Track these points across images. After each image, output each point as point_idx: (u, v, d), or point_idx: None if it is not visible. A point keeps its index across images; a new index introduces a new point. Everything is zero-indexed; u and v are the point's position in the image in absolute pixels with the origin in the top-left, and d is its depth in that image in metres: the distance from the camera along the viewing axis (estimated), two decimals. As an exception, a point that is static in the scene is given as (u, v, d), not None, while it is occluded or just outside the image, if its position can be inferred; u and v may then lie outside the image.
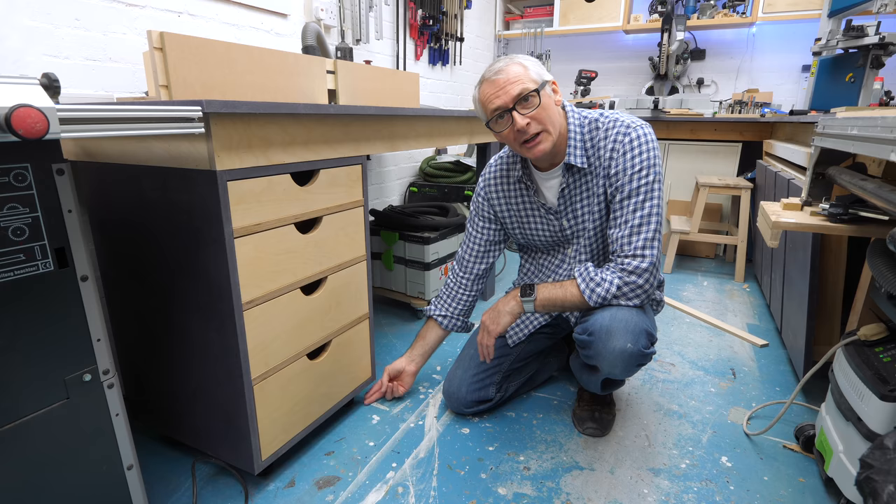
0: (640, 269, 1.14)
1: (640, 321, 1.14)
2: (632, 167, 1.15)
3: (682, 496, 1.16)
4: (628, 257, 1.15)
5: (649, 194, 1.14)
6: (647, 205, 1.14)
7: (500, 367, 1.43)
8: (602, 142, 1.20)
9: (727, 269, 2.86)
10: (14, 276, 0.70)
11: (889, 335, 1.07)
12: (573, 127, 1.21)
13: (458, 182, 2.74)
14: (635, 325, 1.13)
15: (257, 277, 1.03)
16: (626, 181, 1.15)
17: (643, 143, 1.15)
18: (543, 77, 1.12)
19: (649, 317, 1.24)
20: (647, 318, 1.20)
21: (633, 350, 1.12)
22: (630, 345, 1.11)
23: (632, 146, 1.15)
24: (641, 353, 1.13)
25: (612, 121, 1.20)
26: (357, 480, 1.20)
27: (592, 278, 1.17)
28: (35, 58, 1.25)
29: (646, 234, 1.14)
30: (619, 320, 1.13)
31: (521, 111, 1.10)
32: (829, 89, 2.62)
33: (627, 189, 1.15)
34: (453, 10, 3.10)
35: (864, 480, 0.81)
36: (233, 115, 0.93)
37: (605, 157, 1.19)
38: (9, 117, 0.58)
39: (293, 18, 2.03)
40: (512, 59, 1.13)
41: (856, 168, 1.27)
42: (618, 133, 1.18)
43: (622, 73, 3.72)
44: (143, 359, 1.23)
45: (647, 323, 1.17)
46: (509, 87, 1.09)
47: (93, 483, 0.83)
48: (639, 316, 1.15)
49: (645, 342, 1.14)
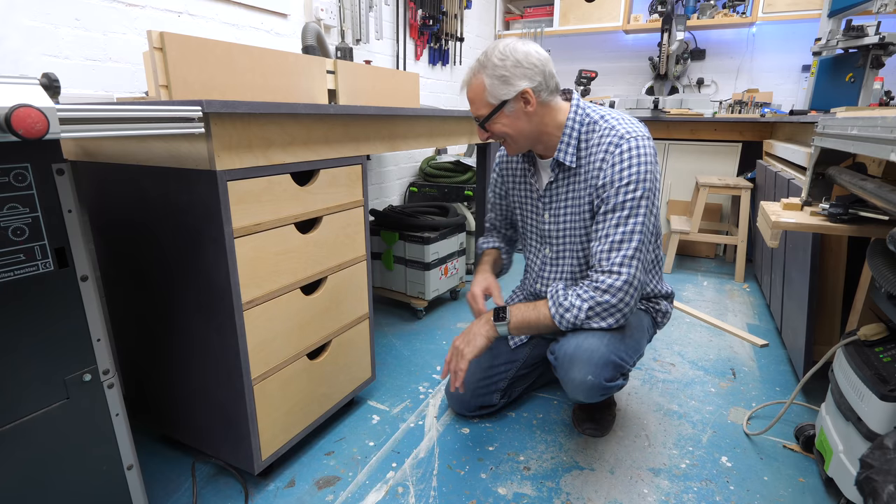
0: (614, 288, 1.06)
1: (607, 351, 1.08)
2: (619, 180, 1.08)
3: (682, 496, 1.16)
4: (604, 273, 1.08)
5: (634, 210, 1.07)
6: (631, 221, 1.07)
7: (507, 374, 1.43)
8: (595, 147, 1.13)
9: (727, 269, 2.86)
10: (14, 276, 0.70)
11: (889, 335, 1.07)
12: (571, 123, 1.15)
13: (458, 182, 2.74)
14: (601, 356, 1.08)
15: (257, 277, 1.03)
16: (612, 193, 1.09)
17: (634, 157, 1.07)
18: (502, 97, 1.09)
19: (629, 341, 1.15)
20: (622, 345, 1.12)
21: (594, 382, 1.08)
22: (591, 377, 1.08)
23: (622, 158, 1.08)
24: (603, 385, 1.09)
25: (609, 126, 1.12)
26: (357, 480, 1.20)
27: (561, 303, 1.11)
28: (35, 58, 1.25)
29: (625, 251, 1.07)
30: (584, 350, 1.08)
31: (481, 126, 1.16)
32: (829, 89, 2.62)
33: (612, 202, 1.09)
34: (453, 10, 3.10)
35: (864, 480, 0.81)
36: (233, 115, 0.93)
37: (594, 164, 1.13)
38: (9, 117, 0.58)
39: (293, 18, 2.03)
40: (481, 66, 1.09)
41: (856, 168, 1.28)
42: (610, 143, 1.10)
43: (622, 73, 3.72)
44: (143, 359, 1.23)
45: (617, 352, 1.10)
46: (472, 106, 1.16)
47: (93, 483, 0.83)
48: (609, 344, 1.09)
49: (610, 373, 1.09)
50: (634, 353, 1.18)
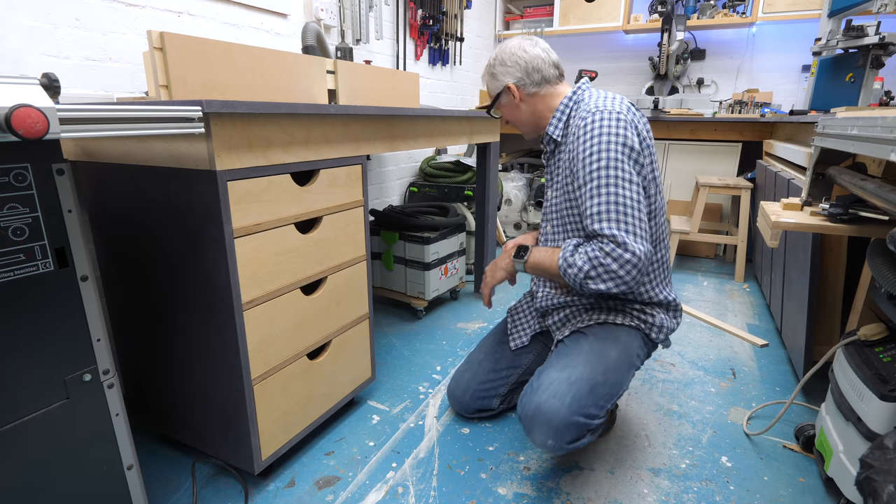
0: (616, 253, 1.02)
1: (568, 413, 1.03)
2: (583, 152, 1.09)
3: (682, 496, 1.16)
4: (606, 238, 1.04)
5: (603, 179, 1.06)
6: (603, 191, 1.05)
7: (508, 380, 1.42)
8: (573, 123, 1.16)
9: (727, 269, 2.86)
10: (14, 276, 0.70)
11: (889, 335, 1.07)
12: (566, 102, 1.19)
13: (458, 182, 2.74)
14: (560, 419, 1.03)
15: (257, 277, 1.03)
16: (580, 168, 1.09)
17: (596, 129, 1.08)
18: (494, 91, 1.27)
19: (602, 388, 1.09)
20: (590, 397, 1.06)
21: (555, 446, 1.05)
22: (551, 441, 1.05)
23: (585, 131, 1.09)
24: (564, 448, 1.06)
25: (586, 101, 1.15)
26: (357, 480, 1.20)
27: (567, 259, 1.10)
28: (35, 58, 1.25)
29: (614, 219, 1.04)
30: (544, 413, 1.05)
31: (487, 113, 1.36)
32: (829, 89, 2.62)
33: (581, 175, 1.09)
34: (453, 10, 3.10)
35: (864, 480, 0.81)
36: (233, 115, 0.93)
37: (570, 139, 1.16)
38: (9, 117, 0.58)
39: (293, 18, 2.03)
40: (486, 65, 1.26)
41: (856, 168, 1.28)
42: (582, 118, 1.11)
43: (622, 73, 3.72)
44: (144, 359, 1.23)
45: (582, 409, 1.04)
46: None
47: (93, 483, 0.83)
48: (575, 401, 1.04)
49: (572, 436, 1.05)
50: (608, 399, 1.10)
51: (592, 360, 1.13)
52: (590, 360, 1.13)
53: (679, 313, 1.27)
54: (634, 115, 1.13)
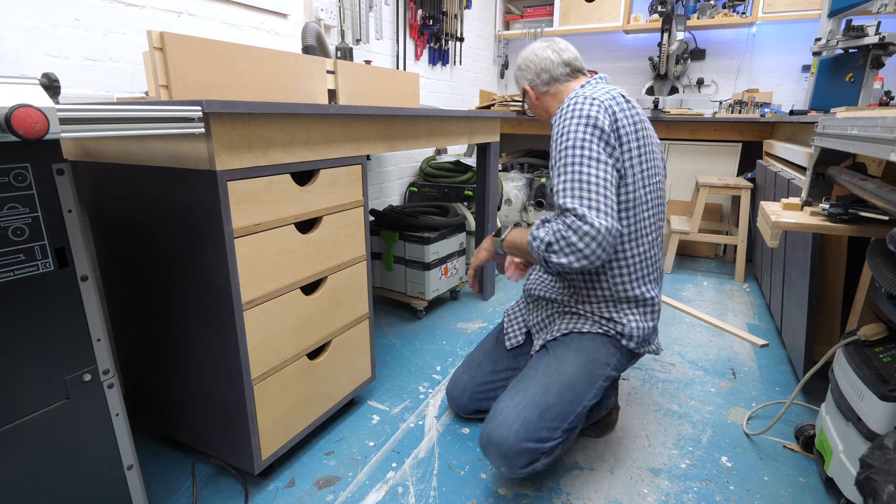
0: (577, 226, 1.02)
1: (516, 440, 1.04)
2: (556, 134, 1.14)
3: (682, 496, 1.16)
4: (568, 211, 1.05)
5: (570, 158, 1.08)
6: (569, 169, 1.07)
7: (506, 381, 1.41)
8: None
9: (727, 269, 2.86)
10: (14, 276, 0.70)
11: (889, 335, 1.07)
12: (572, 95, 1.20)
13: (458, 182, 2.74)
14: (509, 447, 1.05)
15: (257, 277, 1.03)
16: (552, 148, 1.15)
17: (568, 112, 1.12)
18: (519, 91, 1.40)
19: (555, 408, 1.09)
20: (541, 421, 1.07)
21: (508, 472, 1.07)
22: (504, 468, 1.07)
23: (560, 114, 1.14)
24: (518, 472, 1.06)
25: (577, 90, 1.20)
26: (357, 480, 1.20)
27: (534, 233, 1.11)
28: (35, 58, 1.25)
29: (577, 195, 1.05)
30: (494, 441, 1.07)
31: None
32: (829, 89, 2.62)
33: (553, 155, 1.13)
34: (453, 10, 3.10)
35: (864, 480, 0.81)
36: (233, 115, 0.93)
37: None
38: (9, 117, 0.58)
39: (293, 18, 2.03)
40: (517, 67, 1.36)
41: (856, 168, 1.27)
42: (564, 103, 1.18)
43: (622, 73, 3.72)
44: (144, 359, 1.23)
45: (533, 434, 1.05)
46: None
47: (93, 483, 0.83)
48: (523, 427, 1.05)
49: (524, 461, 1.05)
50: (563, 418, 1.09)
51: (545, 382, 1.13)
52: (542, 382, 1.13)
53: (656, 312, 1.24)
54: (619, 104, 1.12)
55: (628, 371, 1.70)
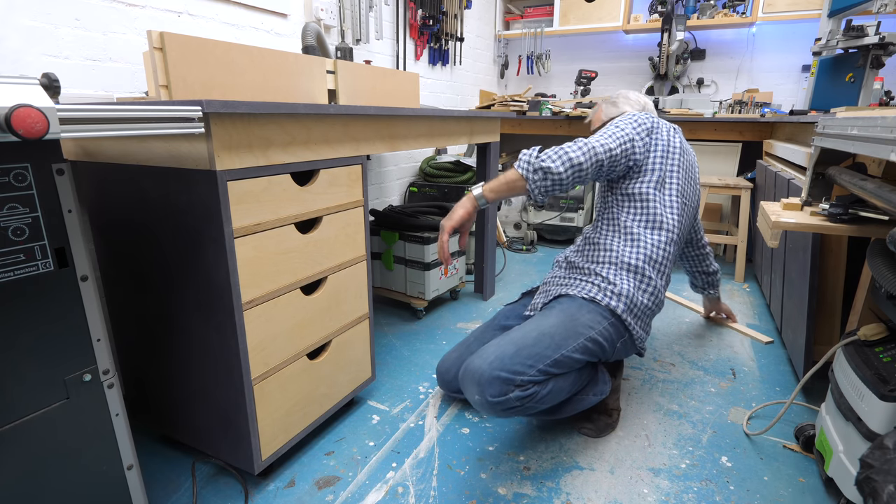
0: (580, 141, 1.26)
1: (490, 369, 1.10)
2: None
3: (682, 496, 1.16)
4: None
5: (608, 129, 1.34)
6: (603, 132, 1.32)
7: None
8: None
9: (727, 269, 2.86)
10: (14, 276, 0.70)
11: (889, 335, 1.07)
12: None
13: (458, 182, 2.74)
14: (482, 373, 1.10)
15: (257, 277, 1.03)
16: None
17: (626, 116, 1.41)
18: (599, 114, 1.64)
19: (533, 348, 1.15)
20: (516, 358, 1.12)
21: (481, 400, 1.11)
22: (477, 396, 1.11)
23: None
24: (489, 402, 1.09)
25: None
26: (357, 480, 1.20)
27: (524, 151, 1.27)
28: (35, 58, 1.25)
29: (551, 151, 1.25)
30: (470, 371, 1.13)
31: None
32: (829, 89, 2.62)
33: None
34: (453, 10, 3.10)
35: (864, 480, 0.81)
36: (232, 115, 0.93)
37: None
38: (9, 117, 0.58)
39: (293, 18, 2.03)
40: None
41: (856, 168, 1.27)
42: None
43: (622, 73, 3.72)
44: (143, 359, 1.23)
45: (507, 366, 1.11)
46: None
47: (93, 483, 0.83)
48: (497, 360, 1.12)
49: (496, 390, 1.09)
50: (538, 359, 1.14)
51: (526, 329, 1.22)
52: (524, 329, 1.22)
53: (653, 297, 1.32)
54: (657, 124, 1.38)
55: (628, 371, 1.70)
